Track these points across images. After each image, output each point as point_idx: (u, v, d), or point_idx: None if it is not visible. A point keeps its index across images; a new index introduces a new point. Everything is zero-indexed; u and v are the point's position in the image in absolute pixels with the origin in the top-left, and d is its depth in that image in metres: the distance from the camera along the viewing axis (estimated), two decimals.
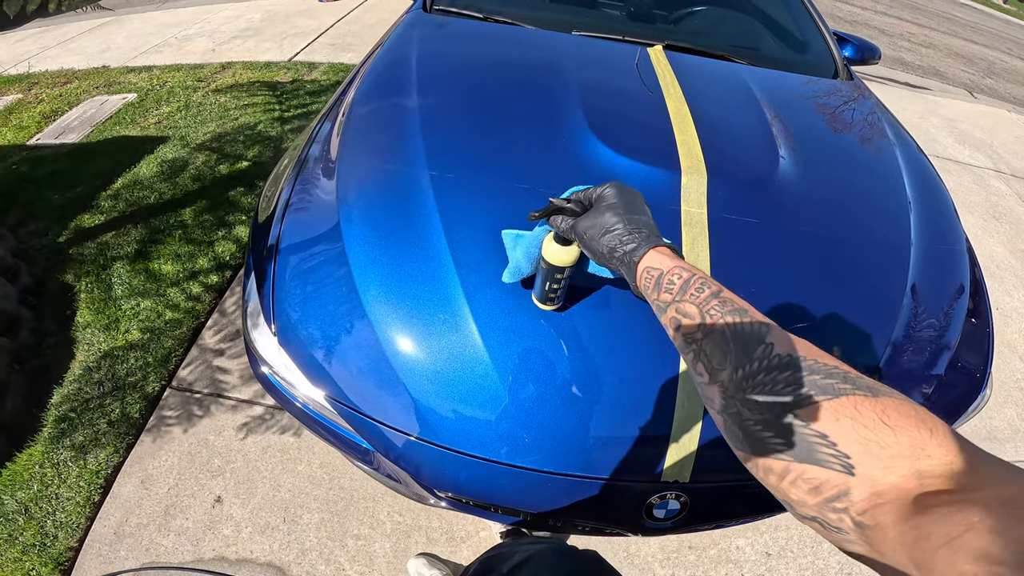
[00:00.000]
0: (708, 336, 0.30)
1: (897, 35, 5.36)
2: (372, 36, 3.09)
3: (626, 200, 0.42)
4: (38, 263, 1.50)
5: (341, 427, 0.67)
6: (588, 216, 0.43)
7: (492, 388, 0.61)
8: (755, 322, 0.29)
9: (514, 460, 0.59)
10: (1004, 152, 2.94)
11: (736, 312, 0.30)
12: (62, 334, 1.32)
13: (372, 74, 1.01)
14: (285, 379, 0.68)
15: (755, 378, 0.27)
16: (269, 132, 2.08)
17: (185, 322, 1.34)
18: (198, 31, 3.25)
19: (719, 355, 0.29)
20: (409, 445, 0.62)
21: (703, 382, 0.30)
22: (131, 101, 2.38)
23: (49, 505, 1.00)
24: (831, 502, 0.23)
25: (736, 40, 1.33)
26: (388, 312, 0.65)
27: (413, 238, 0.70)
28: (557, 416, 0.60)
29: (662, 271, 0.35)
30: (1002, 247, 2.09)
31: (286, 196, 0.80)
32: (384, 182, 0.77)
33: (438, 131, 0.84)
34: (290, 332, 0.67)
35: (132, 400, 1.17)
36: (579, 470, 0.60)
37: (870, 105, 1.16)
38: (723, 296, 0.32)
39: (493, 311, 0.64)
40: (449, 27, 1.20)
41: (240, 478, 1.07)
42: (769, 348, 0.27)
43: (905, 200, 0.89)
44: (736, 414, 0.27)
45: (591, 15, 1.38)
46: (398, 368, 0.62)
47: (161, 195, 1.74)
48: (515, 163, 0.80)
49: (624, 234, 0.39)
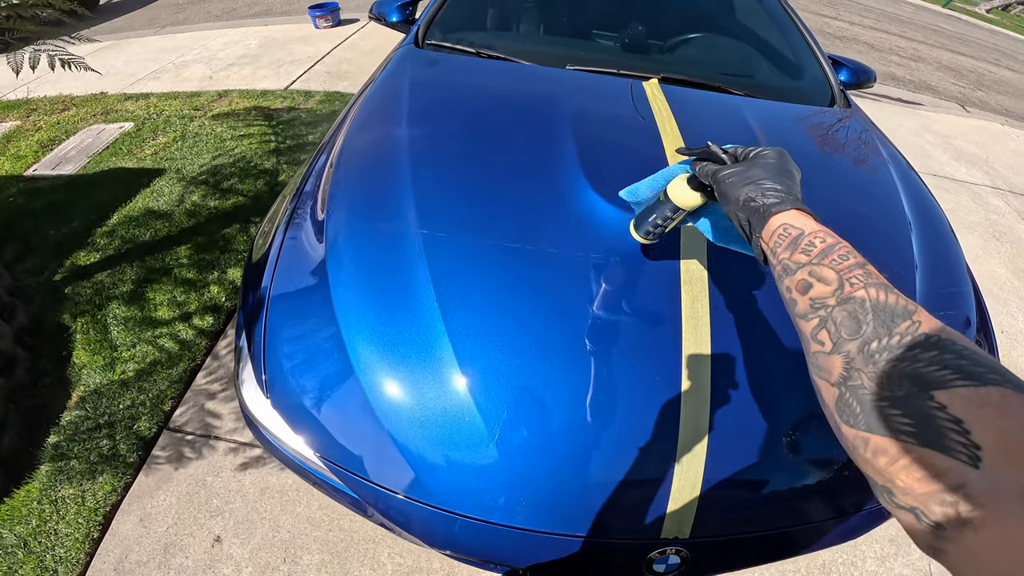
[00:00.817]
0: (843, 304, 0.28)
1: (886, 49, 5.45)
2: (368, 63, 3.13)
3: (783, 166, 0.41)
4: (34, 302, 1.49)
5: (337, 483, 0.67)
6: (737, 166, 0.42)
7: (486, 449, 0.60)
8: (902, 298, 0.28)
9: (509, 520, 0.59)
10: (1000, 167, 2.96)
11: (882, 287, 0.28)
12: (58, 374, 1.32)
13: (361, 118, 1.00)
14: (279, 438, 0.68)
15: (893, 352, 0.25)
16: (264, 164, 2.07)
17: (180, 364, 1.33)
18: (196, 57, 3.27)
19: (852, 324, 0.27)
20: (402, 504, 0.61)
21: (821, 351, 0.28)
22: (128, 131, 2.38)
23: (48, 540, 1.01)
24: (942, 493, 0.21)
25: (733, 70, 1.33)
26: (378, 374, 0.65)
27: (403, 300, 0.69)
28: (552, 476, 0.60)
29: (803, 231, 0.34)
30: (1004, 268, 2.08)
31: (275, 253, 0.79)
32: (374, 240, 0.76)
33: (428, 185, 0.82)
34: (282, 394, 0.67)
35: (128, 441, 1.18)
36: (576, 529, 0.59)
37: (868, 134, 1.16)
38: (868, 269, 0.30)
39: (483, 371, 0.64)
40: (440, 65, 1.19)
41: (239, 518, 1.07)
42: (915, 325, 0.25)
43: (907, 230, 0.89)
44: (858, 387, 0.25)
45: (584, 48, 1.37)
46: (389, 429, 0.62)
47: (156, 232, 1.73)
48: (508, 219, 0.79)
49: (768, 188, 0.38)
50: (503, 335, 0.66)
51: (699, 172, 0.46)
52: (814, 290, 0.30)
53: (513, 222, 0.78)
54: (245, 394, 0.70)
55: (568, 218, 0.78)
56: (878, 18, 7.12)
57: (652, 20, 1.43)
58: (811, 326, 0.30)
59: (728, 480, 0.61)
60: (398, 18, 1.52)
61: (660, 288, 0.70)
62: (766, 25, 1.51)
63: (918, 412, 0.23)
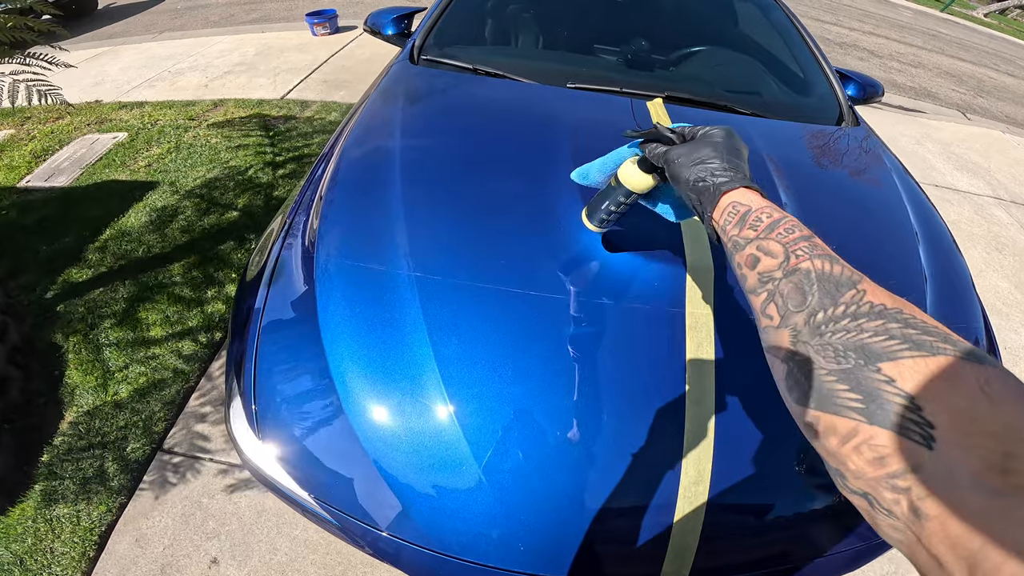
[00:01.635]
0: (789, 276, 0.28)
1: (886, 55, 5.45)
2: (365, 72, 3.10)
3: (730, 144, 0.41)
4: (27, 320, 1.47)
5: (333, 520, 0.67)
6: (685, 146, 0.42)
7: (481, 493, 0.60)
8: (847, 268, 0.27)
9: (504, 564, 0.59)
10: (1002, 177, 2.95)
11: (827, 257, 0.28)
12: (51, 394, 1.30)
13: (353, 143, 0.96)
14: (272, 477, 0.67)
15: (838, 323, 0.24)
16: (260, 178, 2.05)
17: (174, 385, 1.32)
18: (191, 65, 3.25)
19: (797, 296, 0.27)
20: (396, 545, 0.61)
21: (770, 325, 0.28)
22: (122, 141, 2.35)
23: (44, 559, 1.01)
24: (893, 478, 0.19)
25: (739, 88, 1.29)
26: (370, 416, 0.64)
27: (394, 341, 0.68)
28: (548, 520, 0.59)
29: (750, 208, 0.34)
30: (1007, 282, 2.06)
31: (263, 290, 0.77)
32: (365, 282, 0.73)
33: (421, 220, 0.79)
34: (274, 435, 0.66)
35: (122, 461, 1.17)
36: (572, 573, 0.58)
37: (877, 153, 1.13)
38: (814, 241, 0.30)
39: (478, 416, 0.63)
40: (436, 82, 1.15)
41: (236, 540, 1.06)
42: (860, 294, 0.24)
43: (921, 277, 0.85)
44: (805, 361, 0.24)
45: (586, 64, 1.33)
46: (383, 470, 0.62)
47: (150, 248, 1.70)
48: (504, 258, 0.76)
49: (717, 168, 0.38)
50: (496, 381, 0.65)
51: (648, 154, 0.46)
52: (761, 264, 0.30)
53: (510, 260, 0.75)
54: (237, 434, 0.70)
55: (568, 255, 0.76)
56: (877, 23, 7.12)
57: (655, 36, 1.40)
58: (760, 300, 0.29)
59: (730, 522, 0.61)
60: (393, 31, 1.50)
61: (664, 333, 0.68)
62: (773, 39, 1.47)
63: (866, 387, 0.21)
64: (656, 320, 0.69)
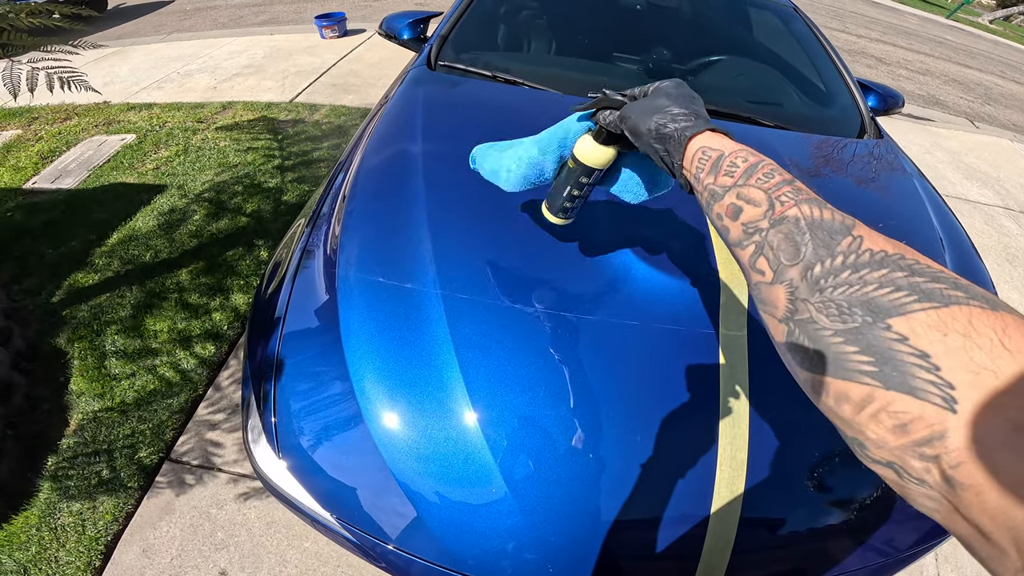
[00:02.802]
0: (777, 225, 0.25)
1: (894, 63, 5.44)
2: (374, 77, 3.10)
3: (683, 92, 0.39)
4: (31, 325, 1.45)
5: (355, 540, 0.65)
6: (640, 102, 0.40)
7: (511, 516, 0.58)
8: (837, 213, 0.25)
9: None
10: (1011, 187, 2.93)
11: (814, 202, 0.26)
12: (56, 401, 1.28)
13: (372, 151, 0.95)
14: (293, 496, 0.66)
15: (838, 275, 0.22)
16: (269, 182, 2.04)
17: (181, 393, 1.30)
18: (200, 66, 3.25)
19: (789, 248, 0.24)
20: (422, 569, 0.60)
21: (762, 281, 0.26)
22: (130, 143, 2.35)
23: (49, 568, 0.99)
24: (920, 446, 0.18)
25: (759, 99, 1.28)
26: (394, 437, 0.63)
27: (421, 361, 0.66)
28: (576, 543, 0.58)
29: (723, 152, 0.32)
30: (1017, 293, 2.04)
31: (283, 302, 0.75)
32: (387, 299, 0.72)
33: (445, 238, 0.78)
34: (295, 455, 0.65)
35: (129, 470, 1.15)
36: None
37: (902, 168, 1.12)
38: (797, 185, 0.27)
39: (508, 440, 0.62)
40: (454, 90, 1.14)
41: (245, 552, 1.04)
42: (857, 241, 0.22)
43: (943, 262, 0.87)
44: (807, 321, 0.22)
45: (605, 73, 1.32)
46: (407, 492, 0.61)
47: (157, 253, 1.69)
48: (529, 273, 0.75)
49: (677, 113, 0.36)
50: (527, 405, 0.63)
51: (603, 122, 0.44)
52: (744, 214, 0.28)
53: (540, 278, 0.74)
54: (256, 454, 0.69)
55: (599, 271, 0.75)
56: (884, 30, 7.12)
57: (674, 45, 1.39)
58: (748, 254, 0.27)
59: (762, 539, 0.60)
60: (409, 36, 1.48)
61: (697, 354, 0.67)
62: (794, 50, 1.46)
63: (877, 347, 0.19)
64: (689, 342, 0.68)
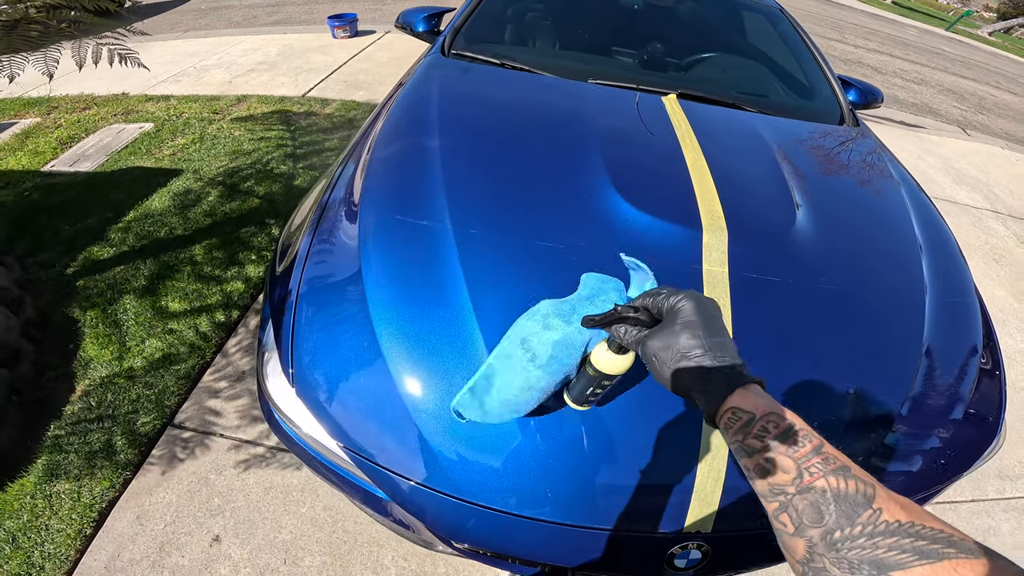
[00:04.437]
0: (803, 493, 0.29)
1: (890, 72, 5.54)
2: (383, 75, 3.21)
3: (705, 318, 0.37)
4: (43, 295, 1.51)
5: (356, 476, 0.67)
6: (660, 334, 0.38)
7: (512, 440, 0.61)
8: (860, 482, 0.28)
9: (533, 512, 0.60)
10: (1000, 191, 3.00)
11: (840, 471, 0.29)
12: (63, 368, 1.31)
13: (393, 119, 1.04)
14: (300, 428, 0.68)
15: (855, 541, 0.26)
16: (281, 168, 2.12)
17: (189, 361, 1.34)
18: (216, 62, 3.36)
19: (813, 513, 0.28)
20: (424, 495, 0.61)
21: (784, 531, 0.29)
22: (148, 131, 2.44)
23: (38, 536, 0.98)
24: None
25: (746, 88, 1.38)
26: (407, 365, 0.66)
27: (435, 292, 0.71)
28: (577, 469, 0.61)
29: (753, 415, 0.33)
30: (1003, 291, 2.10)
31: (306, 244, 0.81)
32: (407, 235, 0.78)
33: (460, 183, 0.86)
34: (307, 383, 0.67)
35: (130, 436, 1.16)
36: (599, 522, 0.60)
37: (877, 152, 1.21)
38: (825, 451, 0.30)
39: None
40: (468, 73, 1.24)
41: (240, 518, 1.05)
42: (876, 514, 0.26)
43: (916, 249, 0.92)
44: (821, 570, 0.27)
45: (605, 64, 1.42)
46: (415, 418, 0.63)
47: (172, 230, 1.76)
48: (537, 218, 0.82)
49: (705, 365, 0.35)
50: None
51: (623, 341, 0.41)
52: (772, 477, 0.31)
53: (542, 220, 0.81)
54: (269, 384, 0.71)
55: (594, 215, 0.83)
56: (883, 41, 7.25)
57: (669, 39, 1.50)
58: (772, 507, 0.31)
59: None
60: (424, 28, 1.59)
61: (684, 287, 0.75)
62: (778, 46, 1.56)
63: None
64: (678, 275, 0.75)
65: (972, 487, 1.32)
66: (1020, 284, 2.15)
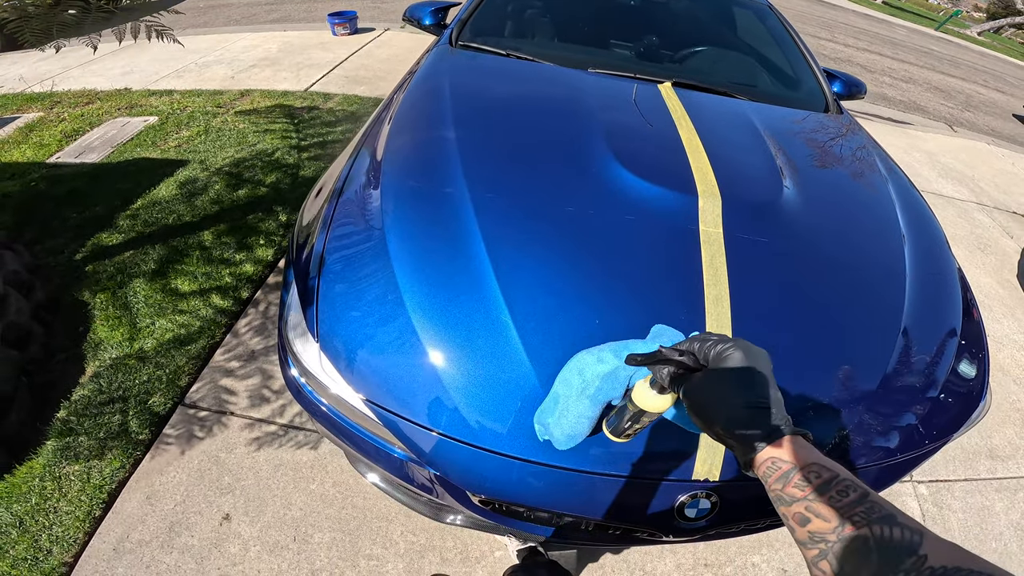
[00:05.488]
0: (845, 542, 0.28)
1: (879, 71, 5.65)
2: (384, 71, 3.26)
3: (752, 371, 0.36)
4: (53, 279, 1.53)
5: (375, 436, 0.69)
6: (705, 382, 0.37)
7: (531, 390, 0.64)
8: (907, 530, 0.27)
9: (550, 459, 0.62)
10: (985, 185, 3.08)
11: (884, 520, 0.28)
12: (73, 350, 1.33)
13: (408, 101, 1.11)
14: (325, 388, 0.69)
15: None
16: (287, 159, 2.16)
17: (200, 341, 1.36)
18: (217, 58, 3.39)
19: (854, 561, 0.27)
20: (446, 446, 0.63)
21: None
22: (152, 124, 2.47)
23: (46, 519, 0.98)
24: None
25: (737, 78, 1.46)
26: (431, 318, 0.69)
27: (455, 251, 0.76)
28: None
29: (794, 465, 0.32)
30: (989, 277, 2.18)
31: (329, 210, 0.85)
32: (427, 199, 0.84)
33: (475, 153, 0.93)
34: (333, 337, 0.69)
35: (141, 416, 1.17)
36: (612, 468, 0.62)
37: (860, 137, 1.29)
38: (872, 500, 0.29)
39: (532, 318, 0.69)
40: (475, 61, 1.31)
41: (250, 496, 1.06)
42: (921, 560, 0.25)
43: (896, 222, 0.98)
44: None
45: (604, 55, 1.51)
46: (439, 372, 0.65)
47: (180, 216, 1.79)
48: (547, 186, 0.89)
49: (747, 416, 0.34)
50: (551, 284, 0.73)
51: (664, 382, 0.40)
52: (812, 524, 0.30)
53: (552, 188, 0.88)
54: (295, 344, 0.72)
55: (600, 185, 0.90)
56: (872, 40, 7.37)
57: (664, 32, 1.58)
58: (811, 554, 0.29)
59: None
60: (431, 21, 1.65)
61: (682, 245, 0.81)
62: (767, 40, 1.65)
63: None
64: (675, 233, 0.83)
65: (964, 467, 1.36)
66: (1004, 272, 2.22)
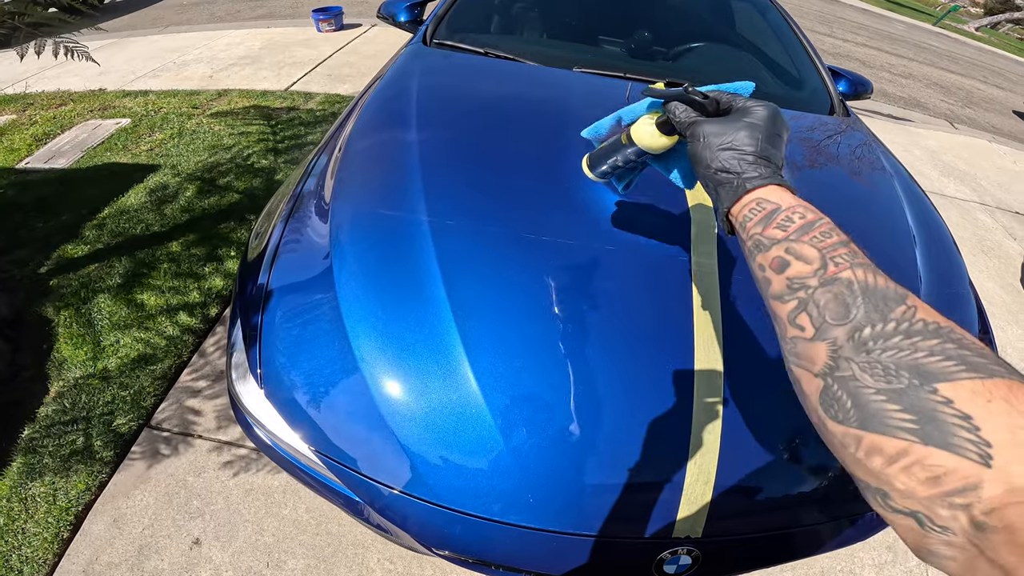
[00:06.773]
0: (827, 285, 0.26)
1: (878, 67, 5.58)
2: (369, 68, 3.15)
3: (773, 128, 0.36)
4: (18, 293, 1.46)
5: (330, 480, 0.64)
6: (719, 122, 0.37)
7: (491, 443, 0.58)
8: (891, 281, 0.25)
9: (514, 519, 0.57)
10: (987, 184, 3.02)
11: (869, 267, 0.26)
12: (38, 368, 1.28)
13: (370, 109, 1.00)
14: (272, 431, 0.65)
15: (888, 340, 0.22)
16: (262, 163, 2.07)
17: (166, 360, 1.31)
18: (197, 57, 3.28)
19: (838, 308, 0.24)
20: (401, 501, 0.59)
21: (800, 337, 0.26)
22: (124, 126, 2.37)
23: (15, 540, 0.97)
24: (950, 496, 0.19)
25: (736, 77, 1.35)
26: (381, 364, 0.62)
27: (409, 287, 0.68)
28: (560, 471, 0.58)
29: (779, 206, 0.31)
30: (992, 282, 2.11)
31: (276, 238, 0.77)
32: (380, 227, 0.75)
33: (437, 173, 0.82)
34: (277, 384, 0.65)
35: (106, 438, 1.14)
36: (584, 528, 0.57)
37: (868, 142, 1.20)
38: (853, 247, 0.27)
39: (492, 362, 0.62)
40: (449, 61, 1.20)
41: (221, 520, 1.03)
42: (911, 311, 0.23)
43: (910, 236, 0.91)
44: (848, 379, 0.23)
45: (592, 52, 1.39)
46: (391, 421, 0.60)
47: (148, 226, 1.71)
48: (515, 208, 0.79)
49: (750, 160, 0.34)
50: (514, 330, 0.65)
51: (676, 118, 0.40)
52: (792, 269, 0.28)
53: (521, 214, 0.77)
54: (238, 386, 0.68)
55: (575, 209, 0.79)
56: (871, 36, 7.29)
57: (656, 27, 1.46)
58: (788, 308, 0.27)
59: (741, 480, 0.59)
60: (406, 18, 1.55)
61: (672, 282, 0.70)
62: (768, 36, 1.54)
63: (920, 407, 0.20)
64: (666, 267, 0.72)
65: None
66: (1008, 276, 2.16)
